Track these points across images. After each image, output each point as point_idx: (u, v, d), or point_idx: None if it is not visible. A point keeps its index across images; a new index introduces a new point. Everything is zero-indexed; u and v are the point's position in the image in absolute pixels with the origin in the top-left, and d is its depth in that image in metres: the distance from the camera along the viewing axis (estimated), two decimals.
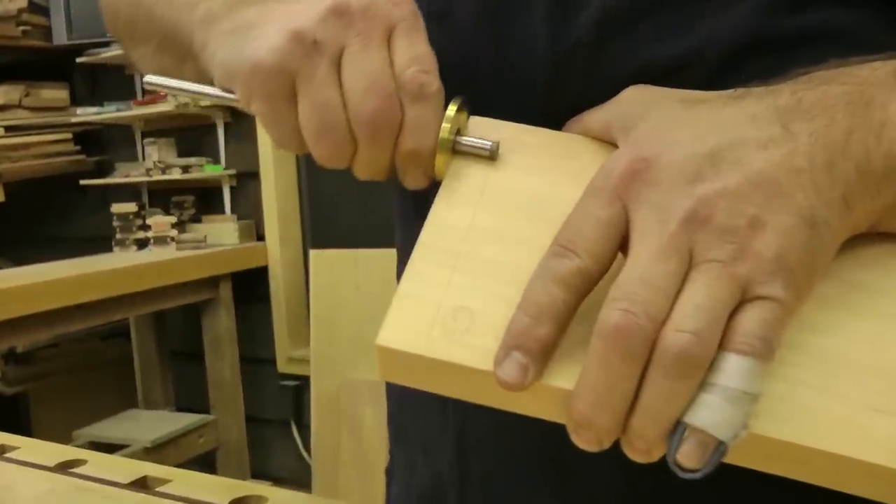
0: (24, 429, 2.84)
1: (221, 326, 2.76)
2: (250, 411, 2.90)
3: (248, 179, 2.87)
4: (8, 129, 2.89)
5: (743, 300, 0.35)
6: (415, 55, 0.45)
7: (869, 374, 0.38)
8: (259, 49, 0.45)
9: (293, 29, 0.44)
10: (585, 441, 0.37)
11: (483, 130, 0.48)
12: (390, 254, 0.68)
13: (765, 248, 0.36)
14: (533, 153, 0.47)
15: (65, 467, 0.77)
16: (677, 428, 0.35)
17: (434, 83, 0.45)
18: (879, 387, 0.38)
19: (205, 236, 2.79)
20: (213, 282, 2.72)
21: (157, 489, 0.70)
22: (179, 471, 0.73)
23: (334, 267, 2.45)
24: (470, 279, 0.41)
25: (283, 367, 2.90)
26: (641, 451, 0.36)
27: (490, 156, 0.46)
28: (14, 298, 2.08)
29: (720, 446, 0.34)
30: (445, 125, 0.45)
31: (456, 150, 0.46)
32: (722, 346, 0.35)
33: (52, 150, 3.01)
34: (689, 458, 0.35)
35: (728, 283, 0.35)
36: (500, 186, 0.46)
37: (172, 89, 0.52)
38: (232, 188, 2.91)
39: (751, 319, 0.35)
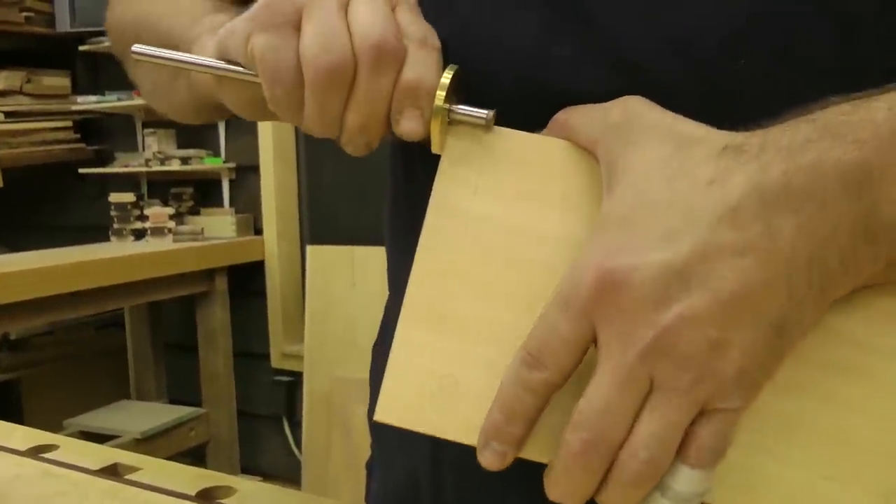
0: (15, 416, 2.82)
1: (216, 320, 2.75)
2: (242, 406, 2.89)
3: (247, 173, 2.86)
4: (8, 114, 2.88)
5: (702, 410, 0.38)
6: (419, 20, 0.46)
7: (824, 439, 0.39)
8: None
9: None
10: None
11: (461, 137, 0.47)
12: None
13: (727, 366, 0.37)
14: (514, 173, 0.45)
15: (36, 452, 0.75)
16: None
17: (436, 39, 0.45)
18: (834, 453, 0.39)
19: (202, 228, 2.78)
20: (209, 274, 2.71)
21: (126, 476, 0.69)
22: (150, 459, 0.72)
23: (331, 263, 2.44)
24: (454, 342, 0.44)
25: (276, 362, 2.88)
26: None
27: (486, 125, 0.45)
28: (9, 284, 2.07)
29: None
30: (440, 93, 0.44)
31: (452, 118, 0.45)
32: (678, 452, 0.38)
33: (52, 137, 3.00)
34: None
35: (686, 407, 0.37)
36: (481, 220, 0.45)
37: (163, 60, 0.48)
38: (231, 181, 2.90)
39: (706, 434, 0.37)
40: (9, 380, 2.85)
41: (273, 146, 2.77)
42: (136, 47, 0.49)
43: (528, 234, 0.43)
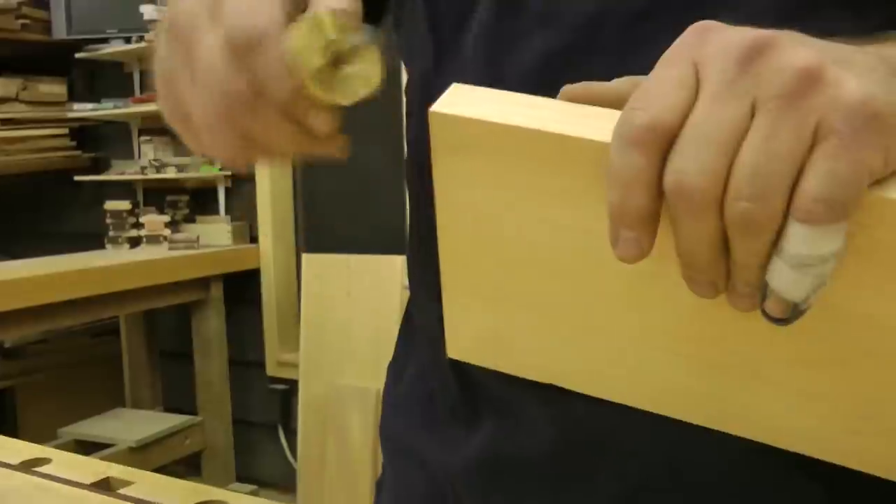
0: (9, 424, 2.82)
1: (211, 327, 2.75)
2: (238, 414, 2.88)
3: (243, 181, 2.86)
4: (4, 122, 2.88)
5: (815, 141, 0.32)
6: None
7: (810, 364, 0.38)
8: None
9: None
10: (701, 291, 0.36)
11: (461, 97, 0.43)
12: (382, 260, 0.68)
13: (843, 79, 0.32)
14: (507, 166, 0.42)
15: (28, 466, 0.75)
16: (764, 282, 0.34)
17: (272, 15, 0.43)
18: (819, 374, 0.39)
19: (198, 236, 2.77)
20: (204, 282, 2.71)
21: (118, 490, 0.69)
22: (143, 473, 0.72)
23: (326, 272, 2.44)
24: (495, 308, 0.46)
25: (272, 370, 2.88)
26: (744, 301, 0.35)
27: (372, 43, 0.43)
28: (4, 292, 2.07)
29: (797, 305, 0.34)
30: (300, 30, 0.41)
31: (337, 64, 0.42)
32: (789, 206, 0.32)
33: (48, 144, 3.00)
34: (772, 311, 0.34)
35: (795, 124, 0.32)
36: (484, 204, 0.43)
37: None
38: (227, 189, 2.90)
39: (815, 175, 0.31)
40: (3, 388, 2.84)
41: None
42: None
43: (533, 219, 0.42)
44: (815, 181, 0.31)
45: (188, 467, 2.85)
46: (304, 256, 2.50)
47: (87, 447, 2.52)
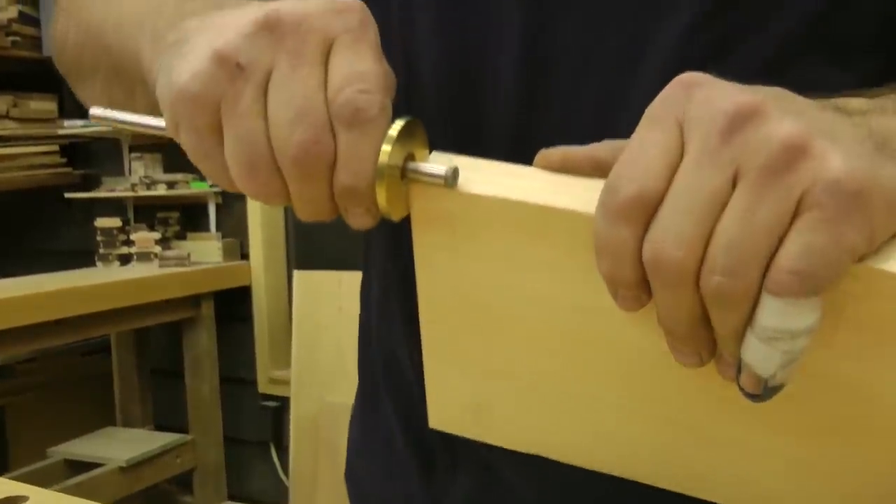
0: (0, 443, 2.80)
1: (202, 345, 2.73)
2: (229, 432, 2.86)
3: (233, 198, 2.85)
4: None
5: (796, 214, 0.31)
6: (353, 72, 0.39)
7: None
8: (182, 73, 0.40)
9: (217, 49, 0.39)
10: (686, 361, 0.35)
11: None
12: None
13: (828, 153, 0.31)
14: (489, 236, 0.40)
15: None
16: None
17: (373, 105, 0.39)
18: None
19: (188, 253, 2.76)
20: (195, 300, 2.69)
21: None
22: None
23: (318, 288, 2.43)
24: (477, 377, 0.45)
25: (263, 387, 2.87)
26: (731, 371, 0.35)
27: (445, 183, 0.39)
28: None
29: (767, 381, 0.33)
30: (385, 147, 0.39)
31: (406, 176, 0.40)
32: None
33: (38, 161, 2.99)
34: (745, 386, 0.34)
35: (776, 197, 0.31)
36: (467, 276, 0.42)
37: (118, 122, 0.47)
38: (217, 206, 2.89)
39: (792, 247, 0.31)
40: None
41: None
42: (94, 111, 0.47)
43: (516, 289, 0.41)
44: (791, 254, 0.31)
45: (179, 486, 2.83)
46: (296, 273, 2.49)
47: (77, 466, 2.50)
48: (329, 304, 2.41)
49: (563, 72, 0.50)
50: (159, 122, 0.44)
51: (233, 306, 2.83)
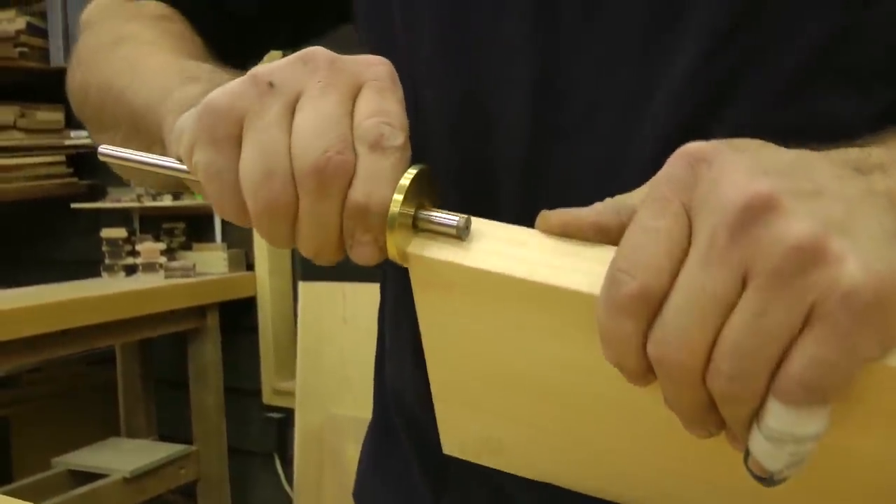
0: (3, 454, 2.79)
1: (207, 356, 2.73)
2: (233, 443, 2.86)
3: None
4: (1, 150, 2.87)
5: (807, 321, 0.30)
6: (380, 108, 0.40)
7: None
8: (214, 94, 0.41)
9: (252, 73, 0.40)
10: (696, 433, 0.35)
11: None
12: (378, 288, 0.66)
13: (845, 257, 0.29)
14: (498, 294, 0.39)
15: None
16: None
17: (398, 137, 0.39)
18: None
19: (194, 264, 2.76)
20: (200, 311, 2.69)
21: None
22: None
23: (323, 299, 2.43)
24: (486, 416, 0.45)
25: (268, 398, 2.86)
26: (739, 445, 0.34)
27: (457, 234, 0.39)
28: None
29: (773, 475, 0.32)
30: (398, 196, 0.38)
31: (416, 226, 0.40)
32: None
33: (45, 172, 2.99)
34: (752, 469, 0.33)
35: (787, 304, 0.29)
36: (468, 334, 0.41)
37: (128, 161, 0.47)
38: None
39: (801, 358, 0.29)
40: None
41: None
42: (103, 149, 0.47)
43: (518, 349, 0.40)
44: (801, 365, 0.29)
45: (184, 497, 2.82)
46: (301, 284, 2.49)
47: (80, 477, 2.49)
48: (334, 315, 2.41)
49: (575, 106, 0.50)
50: (170, 161, 0.45)
51: (238, 317, 2.83)
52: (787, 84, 0.47)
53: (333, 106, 0.39)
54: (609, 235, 0.36)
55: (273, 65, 0.41)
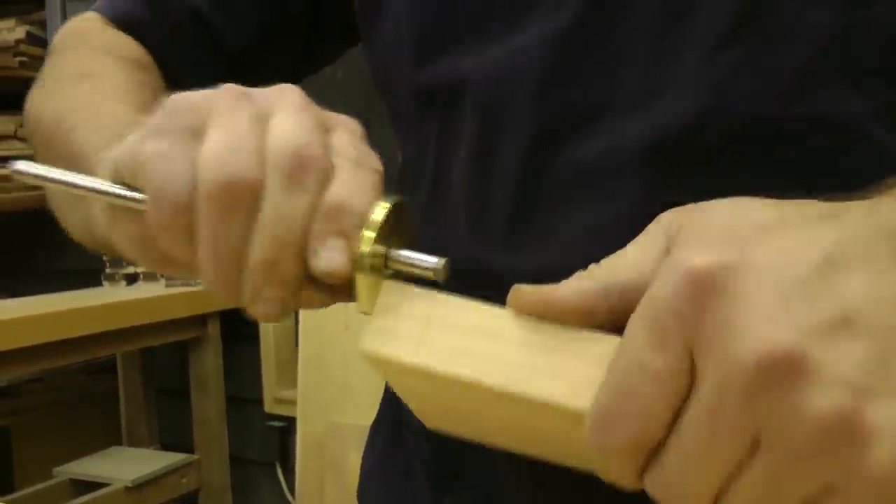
0: (4, 463, 2.79)
1: (208, 365, 2.73)
2: (235, 451, 2.85)
3: None
4: (1, 159, 2.87)
5: (830, 488, 0.27)
6: (358, 143, 0.37)
7: None
8: (178, 94, 0.39)
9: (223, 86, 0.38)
10: None
11: (398, 319, 0.36)
12: None
13: (875, 435, 0.26)
14: (459, 389, 0.35)
15: None
16: None
17: (378, 164, 0.36)
18: None
19: None
20: (201, 319, 2.69)
21: None
22: None
23: (323, 308, 2.42)
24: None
25: (269, 407, 2.85)
26: None
27: (435, 276, 0.35)
28: None
29: None
30: (368, 234, 0.34)
31: (389, 266, 0.36)
32: None
33: None
34: None
35: (801, 482, 0.27)
36: (426, 375, 0.36)
37: (49, 181, 0.41)
38: None
39: None
40: None
41: None
42: (18, 165, 0.42)
43: (477, 389, 0.36)
44: None
45: None
46: None
47: (82, 487, 2.49)
48: (335, 322, 2.40)
49: (580, 106, 0.50)
50: (101, 182, 0.39)
51: (239, 326, 2.82)
52: (787, 83, 0.47)
53: (313, 121, 0.37)
54: (594, 320, 0.32)
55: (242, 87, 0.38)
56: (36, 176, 0.41)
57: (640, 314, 0.29)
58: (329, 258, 0.35)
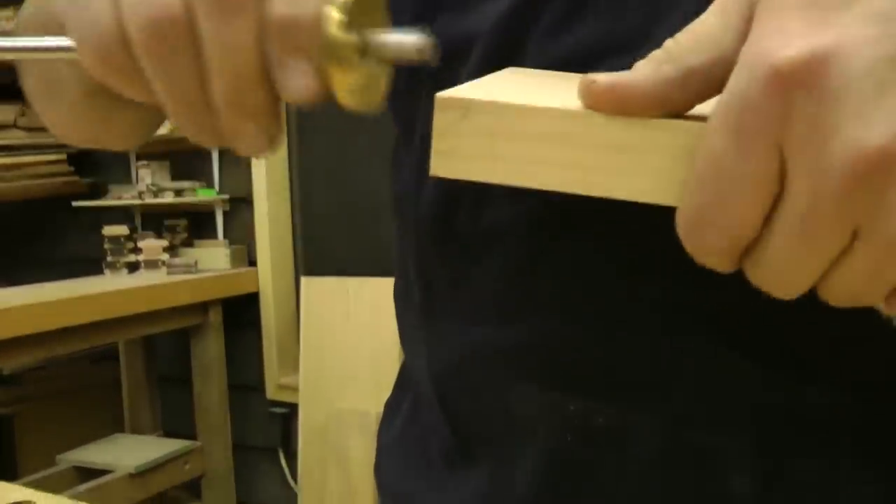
0: (8, 451, 2.81)
1: (210, 352, 2.74)
2: (237, 438, 2.87)
3: (241, 204, 2.86)
4: (2, 148, 2.88)
5: None
6: None
7: None
8: None
9: None
10: None
11: (445, 115, 0.32)
12: (381, 282, 0.66)
13: None
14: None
15: None
16: None
17: None
18: None
19: (196, 261, 2.77)
20: (203, 307, 2.70)
21: None
22: None
23: (325, 294, 2.44)
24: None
25: (272, 394, 2.87)
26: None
27: (420, 56, 0.31)
28: (1, 320, 2.06)
29: None
30: (335, 15, 0.30)
31: (367, 50, 0.31)
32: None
33: (46, 170, 3.00)
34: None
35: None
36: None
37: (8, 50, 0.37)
38: (225, 213, 2.90)
39: None
40: (2, 415, 2.83)
41: (266, 177, 2.78)
42: None
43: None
44: None
45: (188, 492, 2.83)
46: (303, 279, 2.49)
47: (85, 473, 2.50)
48: (337, 310, 2.42)
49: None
50: (50, 39, 0.35)
51: (241, 313, 2.84)
52: None
53: None
54: (671, 106, 0.30)
55: None
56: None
57: (722, 112, 0.27)
58: (297, 86, 0.31)
